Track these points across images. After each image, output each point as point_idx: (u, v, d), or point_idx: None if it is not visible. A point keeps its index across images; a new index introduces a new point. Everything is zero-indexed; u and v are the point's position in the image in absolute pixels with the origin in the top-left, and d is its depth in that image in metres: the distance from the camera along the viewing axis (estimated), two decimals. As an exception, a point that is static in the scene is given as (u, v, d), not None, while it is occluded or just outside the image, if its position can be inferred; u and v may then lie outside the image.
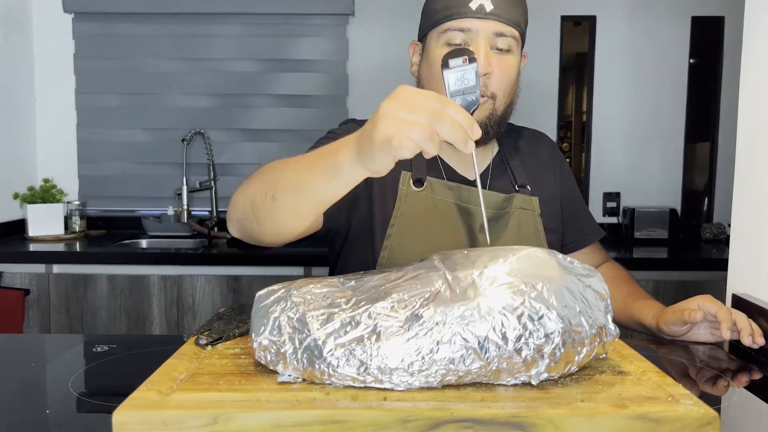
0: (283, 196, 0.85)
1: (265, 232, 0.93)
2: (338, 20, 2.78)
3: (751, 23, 1.18)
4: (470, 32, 1.09)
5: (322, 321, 0.72)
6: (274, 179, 0.87)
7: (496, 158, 1.25)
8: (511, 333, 0.69)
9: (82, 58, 2.79)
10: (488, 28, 1.09)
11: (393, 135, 0.67)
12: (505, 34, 1.10)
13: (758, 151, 1.15)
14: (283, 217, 0.88)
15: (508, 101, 1.15)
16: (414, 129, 0.67)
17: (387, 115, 0.68)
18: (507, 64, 1.12)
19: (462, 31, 1.09)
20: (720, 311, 1.04)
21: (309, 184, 0.82)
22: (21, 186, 2.66)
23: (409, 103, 0.68)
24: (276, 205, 0.87)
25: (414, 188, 1.15)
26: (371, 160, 0.72)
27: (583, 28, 2.80)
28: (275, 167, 0.91)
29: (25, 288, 2.22)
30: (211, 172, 2.75)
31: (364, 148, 0.72)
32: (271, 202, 0.87)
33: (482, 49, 1.09)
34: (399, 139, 0.67)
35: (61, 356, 1.00)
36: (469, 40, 1.10)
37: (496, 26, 1.09)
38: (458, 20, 1.09)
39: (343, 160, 0.76)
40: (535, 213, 1.21)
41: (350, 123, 1.22)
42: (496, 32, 1.09)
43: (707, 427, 0.65)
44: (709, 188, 2.83)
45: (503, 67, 1.11)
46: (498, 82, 1.11)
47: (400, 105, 0.68)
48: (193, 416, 0.64)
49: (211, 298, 2.24)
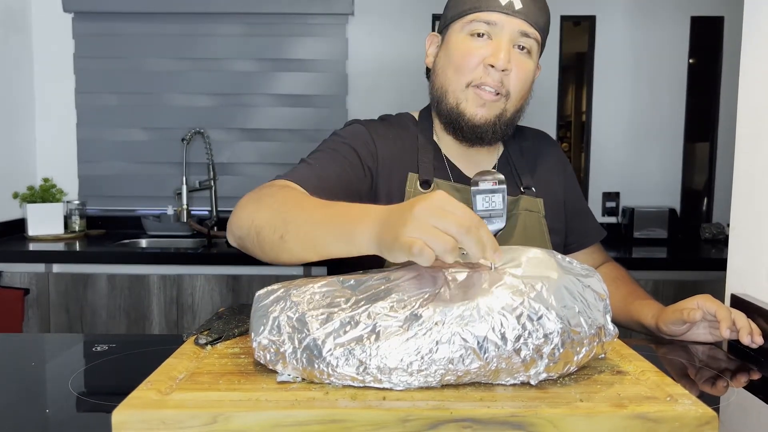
0: (292, 241, 0.85)
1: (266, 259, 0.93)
2: (338, 20, 2.78)
3: (750, 23, 1.18)
4: (495, 26, 1.10)
5: (322, 321, 0.72)
6: (285, 219, 0.86)
7: (501, 159, 1.26)
8: (510, 333, 0.70)
9: (82, 58, 2.79)
10: (514, 25, 1.10)
11: (416, 242, 0.67)
12: (529, 34, 1.11)
13: (757, 151, 1.15)
14: (288, 258, 0.88)
15: (518, 105, 1.16)
16: (439, 240, 0.67)
17: (418, 219, 0.68)
18: (525, 65, 1.12)
19: (488, 24, 1.10)
20: (719, 310, 1.04)
21: (320, 240, 0.81)
22: (21, 185, 2.66)
23: (442, 213, 0.68)
24: (283, 247, 0.86)
25: (421, 190, 1.15)
26: (388, 253, 0.71)
27: (583, 27, 2.80)
28: (288, 201, 0.90)
29: (24, 287, 2.22)
30: (210, 171, 2.75)
31: (385, 239, 0.71)
32: (279, 242, 0.86)
33: (505, 44, 1.09)
34: (421, 247, 0.66)
35: (60, 356, 1.00)
36: (493, 34, 1.10)
37: (522, 25, 1.10)
38: (486, 13, 1.10)
39: (361, 236, 0.75)
40: (540, 214, 1.21)
41: (354, 124, 1.21)
42: (520, 31, 1.10)
43: (706, 426, 0.65)
44: (709, 188, 2.83)
45: (521, 67, 1.12)
46: (515, 81, 1.12)
47: (434, 212, 0.68)
48: (192, 416, 0.64)
49: (210, 298, 2.24)
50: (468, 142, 1.17)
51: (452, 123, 1.15)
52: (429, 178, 1.15)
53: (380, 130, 1.19)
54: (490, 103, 1.12)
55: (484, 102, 1.11)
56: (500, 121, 1.14)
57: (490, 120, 1.12)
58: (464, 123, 1.13)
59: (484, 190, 0.72)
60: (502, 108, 1.13)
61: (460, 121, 1.14)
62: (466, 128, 1.14)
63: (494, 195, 0.72)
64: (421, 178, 1.15)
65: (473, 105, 1.12)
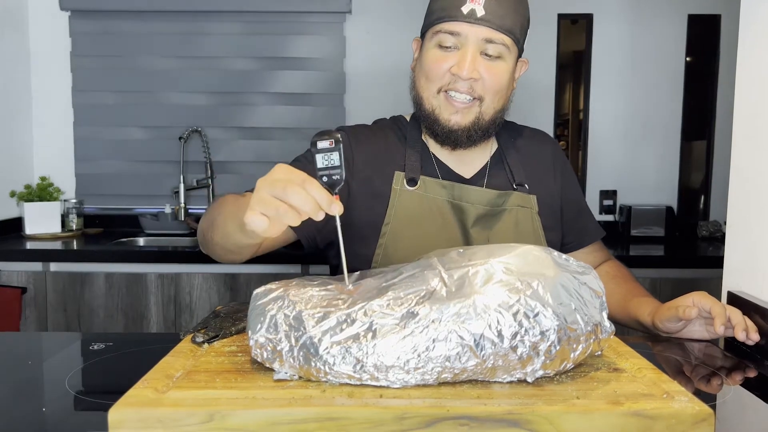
0: (216, 238, 1.01)
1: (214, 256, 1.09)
2: (335, 18, 2.78)
3: (746, 21, 1.18)
4: (460, 36, 1.12)
5: (318, 319, 0.72)
6: (212, 218, 1.02)
7: (494, 156, 1.26)
8: (507, 330, 0.70)
9: (79, 56, 2.78)
10: (478, 34, 1.11)
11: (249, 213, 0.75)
12: (495, 41, 1.12)
13: (754, 148, 1.15)
14: (220, 256, 1.06)
15: (498, 106, 1.17)
16: (270, 207, 0.74)
17: (257, 193, 0.76)
18: (496, 69, 1.13)
19: (452, 35, 1.12)
20: (714, 307, 1.04)
21: (229, 231, 0.95)
22: (18, 184, 2.65)
23: (274, 182, 0.75)
24: (214, 242, 1.02)
25: (408, 187, 1.17)
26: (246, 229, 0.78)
27: (580, 26, 2.80)
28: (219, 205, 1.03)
29: (22, 286, 2.21)
30: (208, 170, 2.75)
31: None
32: (210, 238, 1.03)
33: (469, 55, 1.11)
34: (252, 217, 0.74)
35: (57, 354, 1.00)
36: (459, 44, 1.12)
37: (486, 32, 1.11)
38: (449, 23, 1.12)
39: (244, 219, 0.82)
40: (533, 211, 1.22)
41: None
42: (485, 38, 1.11)
43: (702, 423, 0.65)
44: (706, 186, 2.84)
45: (491, 72, 1.13)
46: (486, 86, 1.13)
47: (268, 184, 0.75)
48: (189, 414, 0.64)
49: (208, 296, 2.24)
50: (447, 145, 1.20)
51: (430, 128, 1.19)
52: (415, 176, 1.18)
53: (362, 135, 1.24)
54: (464, 109, 1.15)
55: (456, 109, 1.14)
56: (476, 126, 1.16)
57: (464, 126, 1.15)
58: (439, 128, 1.17)
59: (322, 149, 0.81)
60: (477, 113, 1.15)
61: (435, 126, 1.17)
62: (441, 133, 1.17)
63: (332, 153, 0.80)
64: (407, 176, 1.18)
65: (447, 111, 1.15)
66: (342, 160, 0.80)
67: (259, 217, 0.74)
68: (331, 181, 0.80)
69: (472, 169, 1.24)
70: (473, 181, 1.22)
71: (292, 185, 0.73)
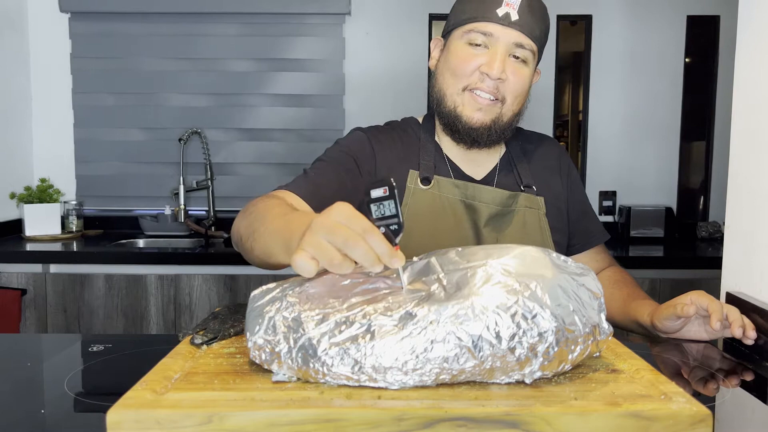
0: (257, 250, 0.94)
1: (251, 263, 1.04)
2: (335, 20, 2.78)
3: (745, 22, 1.19)
4: (492, 37, 1.14)
5: (317, 320, 0.72)
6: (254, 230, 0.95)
7: (503, 159, 1.30)
8: (505, 332, 0.70)
9: (79, 58, 2.79)
10: (510, 37, 1.14)
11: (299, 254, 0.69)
12: (524, 45, 1.15)
13: (752, 149, 1.16)
14: (260, 264, 1.01)
15: (516, 109, 1.20)
16: (324, 254, 0.69)
17: (311, 232, 0.70)
18: (521, 72, 1.17)
19: (484, 35, 1.15)
20: (711, 304, 1.04)
21: (272, 250, 0.89)
22: (18, 186, 2.65)
23: (333, 227, 0.70)
24: (253, 255, 0.97)
25: (422, 186, 1.20)
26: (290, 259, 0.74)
27: (579, 27, 2.81)
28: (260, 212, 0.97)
29: (21, 288, 2.22)
30: (207, 171, 2.75)
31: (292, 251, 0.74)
32: (250, 250, 0.97)
33: (500, 55, 1.14)
34: (302, 260, 0.69)
35: (57, 356, 1.00)
36: (489, 44, 1.15)
37: (518, 36, 1.14)
38: (483, 23, 1.14)
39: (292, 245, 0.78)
40: (540, 212, 1.25)
41: (355, 131, 1.28)
42: (516, 42, 1.14)
43: (700, 424, 0.65)
44: (705, 187, 2.84)
45: (517, 75, 1.16)
46: (510, 88, 1.17)
47: (325, 227, 0.70)
48: (187, 415, 0.64)
49: (208, 298, 2.24)
50: (465, 143, 1.22)
51: (450, 125, 1.21)
52: (429, 175, 1.21)
53: (380, 135, 1.26)
54: (486, 107, 1.17)
55: (480, 106, 1.17)
56: (496, 125, 1.19)
57: (486, 124, 1.18)
58: (461, 126, 1.19)
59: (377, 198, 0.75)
60: (498, 113, 1.18)
61: (457, 123, 1.19)
62: (463, 131, 1.19)
63: (387, 201, 0.75)
64: (421, 175, 1.21)
65: (470, 109, 1.18)
66: (398, 208, 0.75)
67: (309, 263, 0.69)
68: (389, 231, 0.74)
69: (483, 170, 1.27)
70: (484, 182, 1.26)
71: (354, 237, 0.69)
